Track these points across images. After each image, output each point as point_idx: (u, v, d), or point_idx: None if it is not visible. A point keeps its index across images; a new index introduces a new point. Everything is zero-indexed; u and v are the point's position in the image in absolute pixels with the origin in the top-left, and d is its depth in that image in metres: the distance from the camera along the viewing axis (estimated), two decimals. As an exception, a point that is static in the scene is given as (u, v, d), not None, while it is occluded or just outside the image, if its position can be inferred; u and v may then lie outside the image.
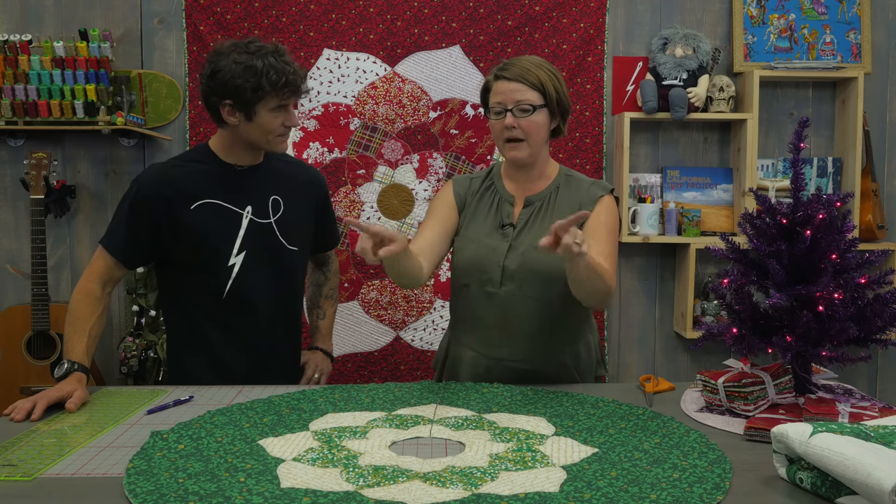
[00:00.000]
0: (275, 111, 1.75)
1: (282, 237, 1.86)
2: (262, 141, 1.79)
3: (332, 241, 2.11)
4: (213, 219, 1.79)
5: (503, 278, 1.71)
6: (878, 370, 3.19)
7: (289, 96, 1.75)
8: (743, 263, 1.51)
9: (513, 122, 1.68)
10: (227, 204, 1.81)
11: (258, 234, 1.83)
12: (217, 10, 2.92)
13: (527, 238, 1.73)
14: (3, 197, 2.99)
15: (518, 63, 1.71)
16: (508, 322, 1.72)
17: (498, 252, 1.72)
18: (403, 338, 3.05)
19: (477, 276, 1.73)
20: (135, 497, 1.05)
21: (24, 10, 2.95)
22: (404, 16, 2.98)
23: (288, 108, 1.77)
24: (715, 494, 1.06)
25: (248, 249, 1.82)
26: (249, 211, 1.83)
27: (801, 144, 1.46)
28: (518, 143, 1.71)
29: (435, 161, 3.03)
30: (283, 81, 1.71)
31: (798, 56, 3.06)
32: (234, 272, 1.81)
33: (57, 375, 1.61)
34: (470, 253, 1.75)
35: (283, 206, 1.87)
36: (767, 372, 1.47)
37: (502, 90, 1.70)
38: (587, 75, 3.03)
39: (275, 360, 1.89)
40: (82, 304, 1.76)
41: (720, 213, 3.09)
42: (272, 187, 1.87)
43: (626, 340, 3.16)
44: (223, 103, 1.74)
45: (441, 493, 1.06)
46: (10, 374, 2.73)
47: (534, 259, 1.69)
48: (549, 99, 1.70)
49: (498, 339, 1.74)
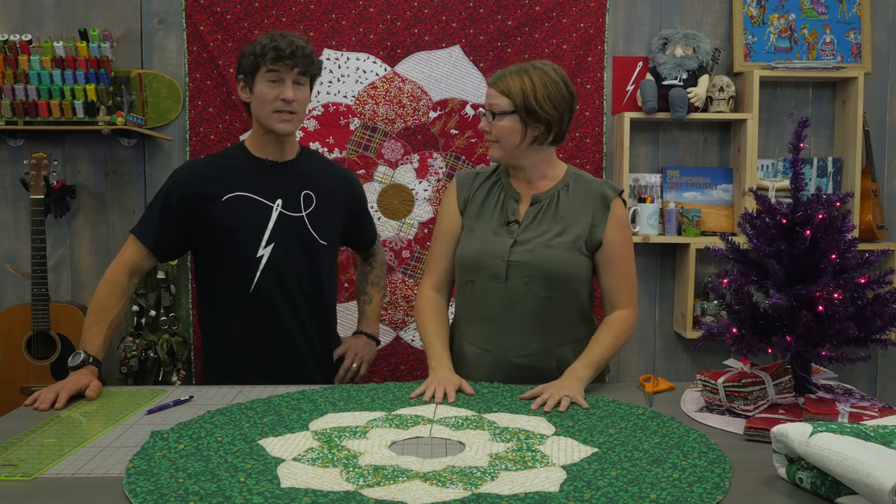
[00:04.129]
0: (270, 83, 1.80)
1: (313, 231, 1.90)
2: (262, 116, 1.83)
3: (371, 237, 2.18)
4: (243, 210, 1.84)
5: (508, 273, 1.72)
6: (878, 370, 3.19)
7: (276, 62, 1.78)
8: (743, 263, 1.51)
9: (486, 126, 1.76)
10: (256, 196, 1.85)
11: (288, 226, 1.87)
12: (217, 10, 2.92)
13: (532, 235, 1.75)
14: (3, 197, 2.99)
15: (506, 69, 1.76)
16: (514, 317, 1.73)
17: (503, 247, 1.74)
18: (403, 338, 3.05)
19: (482, 272, 1.75)
20: (135, 497, 1.05)
21: (24, 10, 2.95)
22: (404, 16, 2.98)
23: (285, 82, 1.80)
24: (715, 494, 1.06)
25: (277, 241, 1.85)
26: (280, 204, 1.87)
27: (801, 144, 1.46)
28: (492, 144, 1.77)
29: (435, 161, 3.03)
30: (272, 47, 1.77)
31: (798, 56, 3.06)
32: (262, 263, 1.85)
33: (71, 364, 1.66)
34: (475, 249, 1.77)
35: (315, 201, 1.91)
36: (767, 372, 1.47)
37: (488, 94, 1.77)
38: (587, 75, 3.03)
39: (305, 352, 1.92)
40: (108, 295, 1.81)
41: (720, 213, 3.09)
42: (304, 182, 1.91)
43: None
44: (238, 78, 1.87)
45: (441, 493, 1.07)
46: (10, 374, 2.73)
47: (540, 255, 1.71)
48: (517, 106, 1.71)
49: (503, 334, 1.75)
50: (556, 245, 1.73)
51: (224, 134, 2.96)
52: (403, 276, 3.03)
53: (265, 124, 1.84)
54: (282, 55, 1.78)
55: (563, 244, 1.73)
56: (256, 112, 1.85)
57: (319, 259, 1.92)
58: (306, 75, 1.84)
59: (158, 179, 3.01)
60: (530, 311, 1.72)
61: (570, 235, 1.74)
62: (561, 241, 1.74)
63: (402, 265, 3.04)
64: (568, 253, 1.73)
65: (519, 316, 1.73)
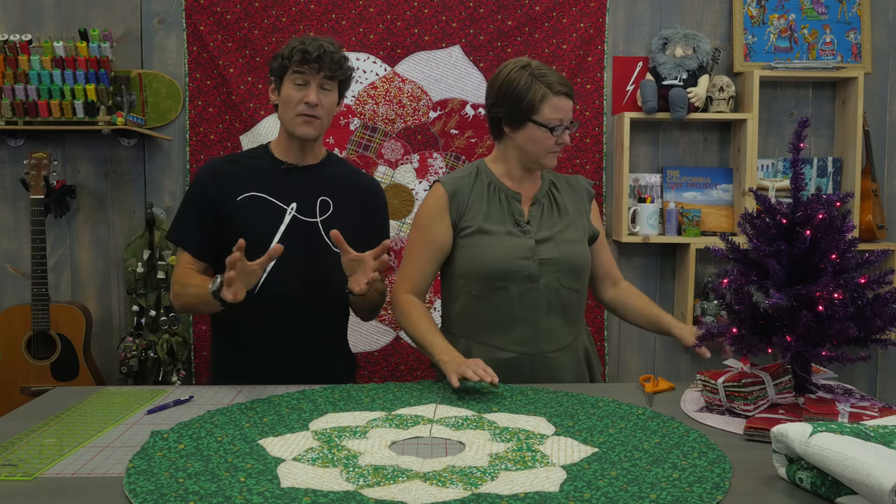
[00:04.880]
0: (296, 85, 1.79)
1: (326, 238, 1.84)
2: (286, 119, 1.82)
3: None
4: (256, 211, 1.83)
5: (541, 272, 1.75)
6: (878, 370, 3.19)
7: (301, 65, 1.77)
8: (743, 263, 1.51)
9: (568, 140, 1.78)
10: (271, 198, 1.84)
11: (301, 231, 1.84)
12: (217, 10, 2.92)
13: (548, 233, 1.79)
14: (3, 197, 2.99)
15: (556, 74, 1.76)
16: (546, 313, 1.76)
17: (527, 247, 1.76)
18: (403, 338, 3.04)
19: (514, 275, 1.74)
20: (135, 497, 1.05)
21: (24, 10, 2.95)
22: (404, 16, 2.98)
23: (310, 85, 1.79)
24: (715, 494, 1.06)
25: (287, 245, 1.78)
26: (294, 208, 1.84)
27: (801, 144, 1.46)
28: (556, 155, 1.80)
29: (435, 161, 3.03)
30: (299, 50, 1.76)
31: (798, 56, 3.06)
32: (270, 265, 1.80)
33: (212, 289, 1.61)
34: (501, 254, 1.75)
35: (332, 208, 1.87)
36: (767, 372, 1.47)
37: (563, 107, 1.74)
38: (587, 75, 3.03)
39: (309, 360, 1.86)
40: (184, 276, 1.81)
41: (720, 213, 3.09)
42: (322, 188, 1.88)
43: (626, 340, 3.16)
44: (269, 80, 1.87)
45: (441, 493, 1.07)
46: (10, 374, 2.73)
47: (565, 250, 1.78)
48: None
49: (537, 332, 1.76)
50: (572, 239, 1.81)
51: (224, 134, 2.96)
52: (403, 276, 3.03)
53: (288, 127, 1.83)
54: (308, 58, 1.76)
55: (576, 237, 1.82)
56: (281, 114, 1.83)
57: (330, 267, 1.83)
58: (333, 80, 1.81)
59: (158, 179, 3.02)
60: (561, 305, 1.78)
61: (578, 229, 1.83)
62: (573, 234, 1.82)
63: (402, 265, 3.04)
64: (582, 246, 1.83)
65: (551, 312, 1.77)
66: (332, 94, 1.83)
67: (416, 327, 1.76)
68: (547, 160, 1.78)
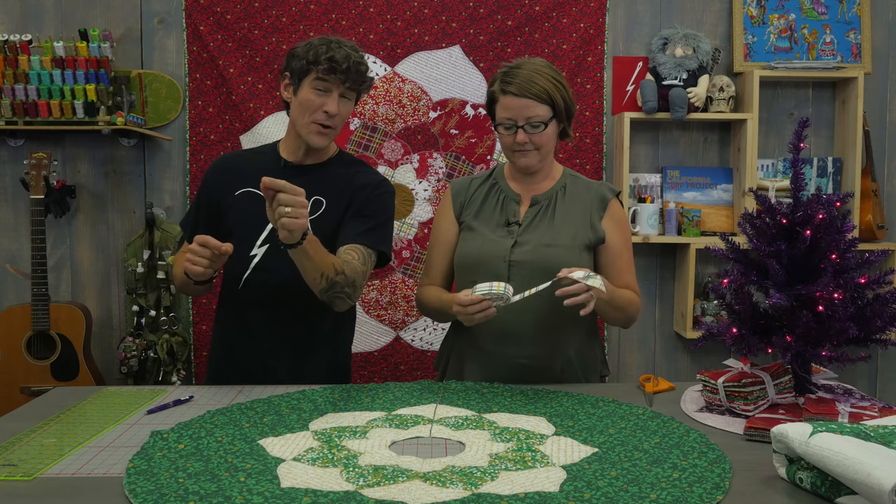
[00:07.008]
0: (317, 90, 1.75)
1: None
2: (300, 123, 1.78)
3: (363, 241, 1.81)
4: (248, 207, 1.82)
5: (510, 273, 1.72)
6: (878, 370, 3.19)
7: (328, 73, 1.72)
8: (743, 263, 1.51)
9: (525, 139, 1.71)
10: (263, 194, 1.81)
11: None
12: (217, 10, 2.92)
13: (533, 235, 1.75)
14: (3, 197, 2.99)
15: (521, 73, 1.70)
16: (518, 317, 1.72)
17: (503, 248, 1.74)
18: (403, 338, 3.05)
19: (483, 272, 1.73)
20: (135, 497, 1.05)
21: (24, 10, 2.95)
22: (404, 16, 2.98)
23: (331, 93, 1.75)
24: (715, 494, 1.06)
25: (273, 243, 1.79)
26: None
27: (801, 144, 1.46)
28: (530, 153, 1.74)
29: (435, 161, 3.03)
30: (326, 57, 1.72)
31: (798, 56, 3.06)
32: (253, 263, 1.80)
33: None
34: (476, 248, 1.77)
35: (324, 208, 1.83)
36: (767, 372, 1.47)
37: (511, 105, 1.70)
38: (587, 75, 3.03)
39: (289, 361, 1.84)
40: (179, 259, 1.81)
41: (720, 213, 3.09)
42: (318, 187, 1.82)
43: (626, 340, 3.16)
44: (284, 75, 1.81)
45: (441, 493, 1.06)
46: (10, 374, 2.73)
47: (540, 255, 1.72)
48: (558, 110, 1.72)
49: (507, 335, 1.74)
50: (556, 245, 1.74)
51: (224, 134, 2.96)
52: (403, 276, 3.03)
53: (301, 132, 1.80)
54: (336, 68, 1.72)
55: (563, 244, 1.74)
56: (294, 116, 1.80)
57: None
58: (354, 91, 1.79)
59: (158, 179, 3.02)
60: (534, 310, 1.71)
61: (569, 235, 1.76)
62: (560, 240, 1.75)
63: (403, 265, 3.04)
64: (568, 252, 1.73)
65: (521, 316, 1.72)
66: (350, 103, 1.81)
67: (430, 302, 1.82)
68: (515, 159, 1.76)
